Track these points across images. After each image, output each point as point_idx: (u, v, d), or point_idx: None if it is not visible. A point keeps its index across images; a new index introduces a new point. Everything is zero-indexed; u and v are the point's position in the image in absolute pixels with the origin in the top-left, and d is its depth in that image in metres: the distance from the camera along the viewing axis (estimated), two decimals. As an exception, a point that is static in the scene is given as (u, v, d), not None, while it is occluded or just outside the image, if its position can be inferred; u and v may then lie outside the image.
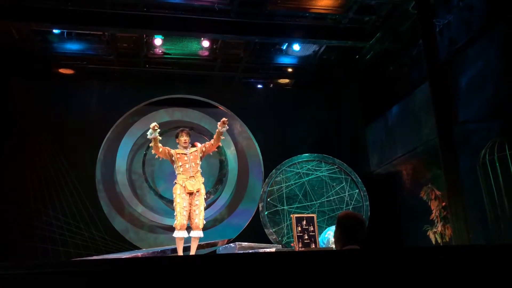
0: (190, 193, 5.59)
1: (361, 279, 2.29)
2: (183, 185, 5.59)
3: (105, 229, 8.59)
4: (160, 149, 5.70)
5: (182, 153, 5.74)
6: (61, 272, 2.23)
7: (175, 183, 5.70)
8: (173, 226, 5.59)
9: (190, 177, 5.64)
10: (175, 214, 5.60)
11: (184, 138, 5.80)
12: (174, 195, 5.66)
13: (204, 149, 5.86)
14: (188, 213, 5.57)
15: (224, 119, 5.78)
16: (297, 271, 2.27)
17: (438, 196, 6.87)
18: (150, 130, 5.55)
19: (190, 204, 5.59)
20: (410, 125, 7.60)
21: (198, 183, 5.66)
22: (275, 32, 8.01)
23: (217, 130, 5.78)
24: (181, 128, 6.06)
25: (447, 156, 6.34)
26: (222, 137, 5.85)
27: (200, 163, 5.81)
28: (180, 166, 5.68)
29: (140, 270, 2.23)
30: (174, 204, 5.66)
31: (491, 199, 5.77)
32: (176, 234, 5.53)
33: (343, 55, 9.13)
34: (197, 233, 5.58)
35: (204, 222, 5.69)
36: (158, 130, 5.58)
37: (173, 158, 5.75)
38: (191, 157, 5.73)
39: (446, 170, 6.31)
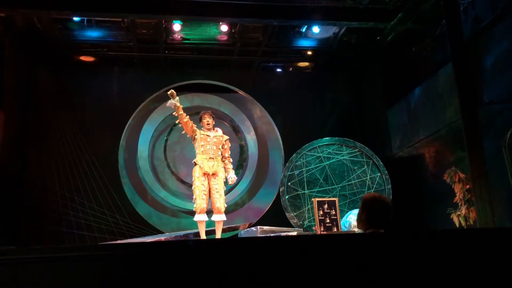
0: (207, 174, 5.60)
1: (384, 262, 2.28)
2: (201, 165, 5.60)
3: (129, 214, 8.74)
4: (185, 119, 5.66)
5: (206, 134, 5.75)
6: (87, 256, 2.28)
7: (194, 163, 5.69)
8: (194, 210, 5.63)
9: (210, 158, 5.63)
10: (194, 197, 5.61)
11: (207, 120, 5.81)
12: (193, 178, 5.66)
13: (226, 147, 5.86)
14: (208, 196, 5.58)
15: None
16: (320, 254, 2.27)
17: (462, 178, 6.77)
18: (170, 100, 5.54)
19: (209, 187, 5.61)
20: (433, 106, 7.46)
21: (216, 166, 5.64)
22: (294, 14, 7.89)
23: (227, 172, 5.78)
24: (203, 111, 6.06)
25: (472, 138, 6.22)
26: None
27: (221, 150, 5.81)
28: (202, 145, 5.67)
29: (164, 253, 2.26)
30: (193, 187, 5.66)
31: (517, 181, 5.65)
32: (197, 217, 5.54)
33: (364, 37, 8.97)
34: (220, 217, 5.60)
35: (226, 205, 5.71)
36: (178, 97, 5.55)
37: (195, 136, 5.75)
38: (214, 139, 5.74)
39: (471, 152, 6.20)
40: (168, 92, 5.57)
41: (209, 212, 5.67)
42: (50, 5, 7.34)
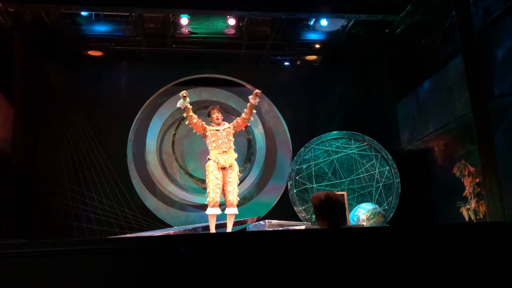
0: (223, 168, 5.60)
1: (392, 256, 2.27)
2: (216, 160, 5.61)
3: (138, 208, 8.79)
4: (195, 120, 5.72)
5: (215, 129, 5.76)
6: (97, 249, 2.29)
7: (208, 159, 5.72)
8: (206, 203, 5.64)
9: (223, 152, 5.65)
10: (207, 191, 5.61)
11: (216, 115, 5.83)
12: (206, 172, 5.67)
13: (236, 124, 5.88)
14: (221, 190, 5.59)
15: (257, 91, 5.78)
16: (328, 247, 2.26)
17: (471, 172, 6.72)
18: (181, 100, 5.56)
19: (223, 181, 5.60)
20: (442, 99, 7.40)
21: (231, 158, 5.67)
22: (302, 7, 7.85)
23: (249, 103, 5.80)
24: (212, 106, 6.07)
25: (481, 131, 6.17)
26: (254, 111, 5.86)
27: (233, 139, 5.83)
28: (213, 141, 5.69)
29: (173, 247, 2.27)
30: (206, 181, 5.67)
31: (527, 175, 5.59)
32: (209, 211, 5.56)
33: (373, 29, 8.89)
34: (232, 210, 5.62)
35: (238, 198, 5.72)
36: (188, 99, 5.58)
37: (206, 133, 5.76)
38: (224, 133, 5.75)
39: (480, 146, 6.15)
40: (180, 94, 5.58)
41: (221, 205, 5.70)
42: (58, 0, 7.36)
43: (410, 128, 8.40)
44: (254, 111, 5.92)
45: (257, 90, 5.84)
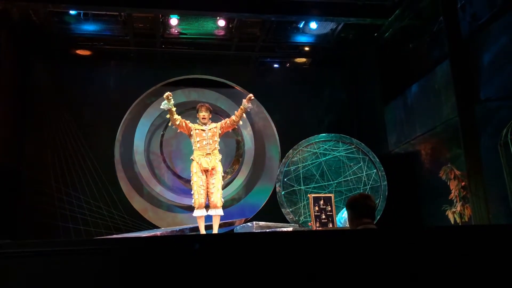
0: (206, 170, 5.58)
1: (378, 258, 2.28)
2: (199, 162, 5.59)
3: (125, 209, 8.73)
4: (178, 122, 5.62)
5: (200, 129, 5.70)
6: (83, 250, 2.27)
7: (192, 159, 5.69)
8: (192, 205, 5.63)
9: (207, 154, 5.60)
10: (192, 193, 5.62)
11: (202, 113, 5.75)
12: (191, 173, 5.66)
13: (224, 125, 5.82)
14: (206, 191, 5.58)
15: (250, 95, 5.76)
16: (315, 250, 2.27)
17: (457, 176, 6.78)
18: (165, 101, 5.47)
19: (207, 182, 5.59)
20: (430, 103, 7.47)
21: (214, 161, 5.61)
22: (292, 10, 7.87)
23: (241, 106, 5.76)
24: (201, 103, 6.00)
25: (468, 135, 6.25)
26: (244, 116, 5.85)
27: (219, 140, 5.76)
28: (198, 142, 5.64)
29: (160, 248, 2.26)
30: (191, 182, 5.66)
31: (512, 179, 5.66)
32: (196, 213, 5.55)
33: (362, 33, 8.96)
34: (216, 212, 5.58)
35: (223, 200, 5.70)
36: (173, 101, 5.51)
37: (191, 133, 5.71)
38: (210, 133, 5.69)
39: (467, 150, 6.22)
40: (164, 95, 5.46)
41: (208, 207, 5.68)
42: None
43: (397, 131, 8.47)
44: (244, 116, 5.89)
45: (250, 95, 5.82)
